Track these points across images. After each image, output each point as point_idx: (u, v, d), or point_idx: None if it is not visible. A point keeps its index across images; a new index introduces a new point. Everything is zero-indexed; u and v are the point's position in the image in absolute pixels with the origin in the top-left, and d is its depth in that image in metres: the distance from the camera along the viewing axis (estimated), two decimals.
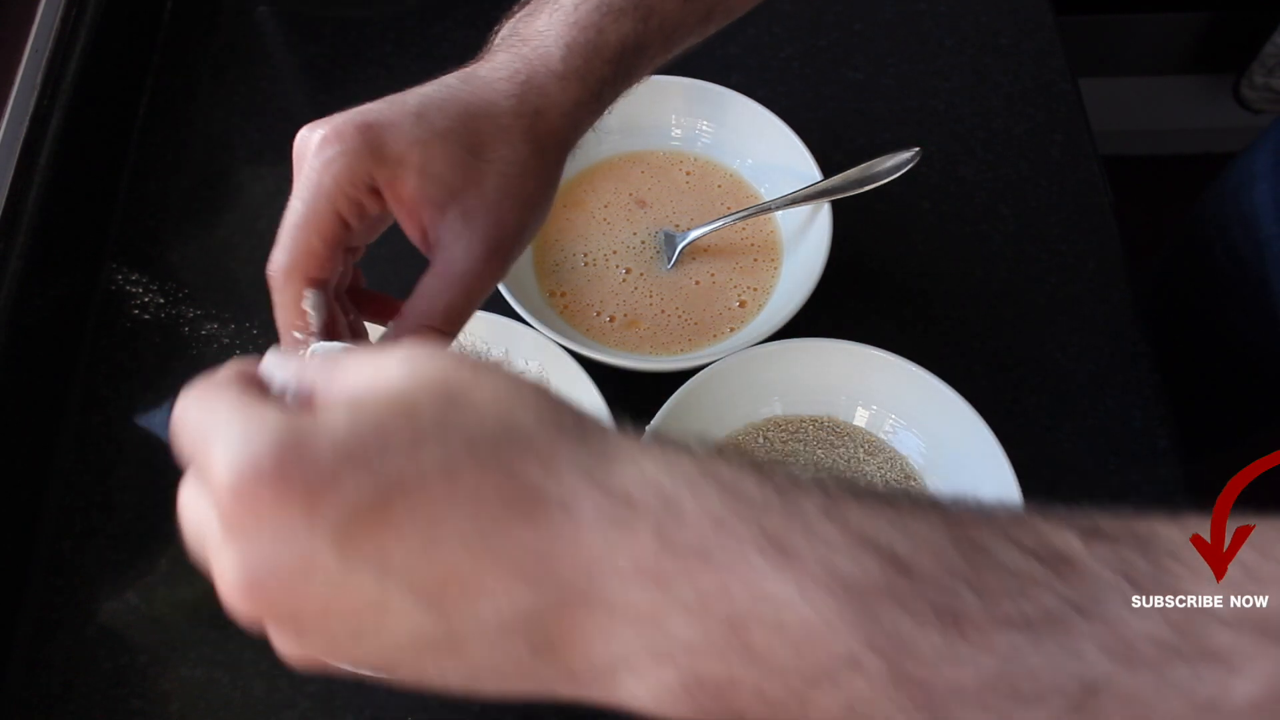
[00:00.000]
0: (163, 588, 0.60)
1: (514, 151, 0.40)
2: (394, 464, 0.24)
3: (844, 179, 0.63)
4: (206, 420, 0.26)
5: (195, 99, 0.77)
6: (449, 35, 0.79)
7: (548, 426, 0.25)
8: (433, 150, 0.39)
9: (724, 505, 0.24)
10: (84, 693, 0.57)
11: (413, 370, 0.26)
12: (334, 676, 0.56)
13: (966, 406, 0.56)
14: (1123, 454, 0.62)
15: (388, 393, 0.25)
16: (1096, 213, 0.70)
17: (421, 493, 0.24)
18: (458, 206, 0.39)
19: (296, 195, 0.39)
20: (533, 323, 0.59)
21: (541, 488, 0.24)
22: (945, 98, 0.75)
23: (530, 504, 0.24)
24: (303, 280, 0.39)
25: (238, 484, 0.24)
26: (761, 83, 0.75)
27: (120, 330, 0.68)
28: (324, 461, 0.24)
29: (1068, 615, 0.23)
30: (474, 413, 0.25)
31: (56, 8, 0.70)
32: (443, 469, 0.24)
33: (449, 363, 0.26)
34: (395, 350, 0.27)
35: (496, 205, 0.40)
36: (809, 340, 0.59)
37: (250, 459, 0.24)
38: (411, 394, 0.25)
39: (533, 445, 0.25)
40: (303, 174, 0.38)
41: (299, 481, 0.24)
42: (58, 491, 0.62)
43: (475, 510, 0.24)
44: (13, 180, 0.64)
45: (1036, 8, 0.79)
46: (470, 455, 0.24)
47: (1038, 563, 0.24)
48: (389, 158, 0.38)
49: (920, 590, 0.23)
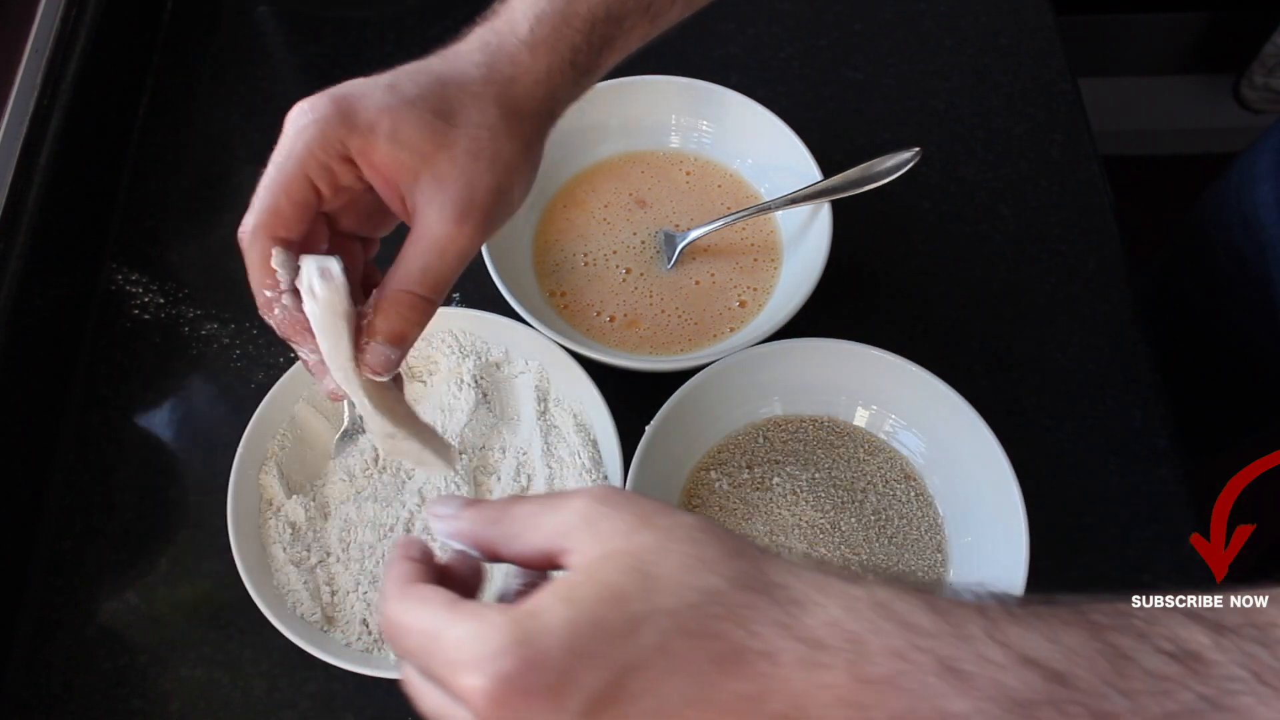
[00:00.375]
0: (163, 588, 0.60)
1: (484, 116, 0.41)
2: (619, 653, 0.28)
3: (844, 179, 0.63)
4: (428, 629, 0.30)
5: (195, 99, 0.77)
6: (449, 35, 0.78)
7: (738, 589, 0.29)
8: (402, 116, 0.39)
9: (903, 639, 0.28)
10: (84, 693, 0.57)
11: (603, 546, 0.30)
12: (334, 676, 0.56)
13: (966, 406, 0.56)
14: (1123, 454, 0.62)
15: (590, 578, 0.29)
16: (1096, 213, 0.70)
17: (646, 670, 0.28)
18: (430, 171, 0.40)
19: (270, 161, 0.40)
20: (533, 323, 0.59)
21: (744, 644, 0.28)
22: (945, 98, 0.75)
23: (736, 659, 0.28)
24: (270, 239, 0.40)
25: (492, 693, 0.28)
26: (761, 83, 0.75)
27: (120, 330, 0.68)
28: (558, 661, 0.28)
29: (1203, 710, 0.27)
30: (671, 586, 0.29)
31: (56, 8, 0.70)
32: (659, 647, 0.28)
33: (629, 526, 0.30)
34: (568, 509, 0.31)
35: (468, 169, 0.40)
36: (809, 340, 0.59)
37: (496, 671, 0.28)
38: (614, 581, 0.29)
39: (730, 609, 0.29)
40: (278, 143, 0.40)
41: (542, 683, 0.28)
42: (58, 491, 0.62)
43: (691, 673, 0.28)
44: (13, 180, 0.64)
45: (1036, 8, 0.79)
46: (679, 631, 0.28)
47: (1174, 663, 0.28)
48: (360, 125, 0.39)
49: (1076, 698, 0.27)
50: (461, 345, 0.62)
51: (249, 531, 0.56)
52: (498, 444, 0.60)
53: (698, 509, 0.58)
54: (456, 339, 0.62)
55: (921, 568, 0.56)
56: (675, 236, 0.66)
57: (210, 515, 0.60)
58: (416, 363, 0.62)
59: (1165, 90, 1.54)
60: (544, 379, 0.61)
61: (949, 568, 0.56)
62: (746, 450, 0.60)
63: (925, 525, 0.57)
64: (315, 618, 0.54)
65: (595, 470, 0.57)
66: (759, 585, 0.29)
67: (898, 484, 0.58)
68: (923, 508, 0.58)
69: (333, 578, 0.56)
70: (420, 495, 0.57)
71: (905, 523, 0.57)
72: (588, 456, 0.58)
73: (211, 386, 0.66)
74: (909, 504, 0.58)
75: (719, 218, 0.65)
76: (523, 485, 0.59)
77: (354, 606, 0.55)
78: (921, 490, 0.58)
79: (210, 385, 0.66)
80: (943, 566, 0.56)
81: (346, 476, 0.59)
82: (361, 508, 0.57)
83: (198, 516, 0.61)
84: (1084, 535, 0.59)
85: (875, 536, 0.56)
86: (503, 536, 0.32)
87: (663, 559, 0.29)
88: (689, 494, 0.58)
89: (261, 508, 0.57)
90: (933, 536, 0.57)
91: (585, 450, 0.58)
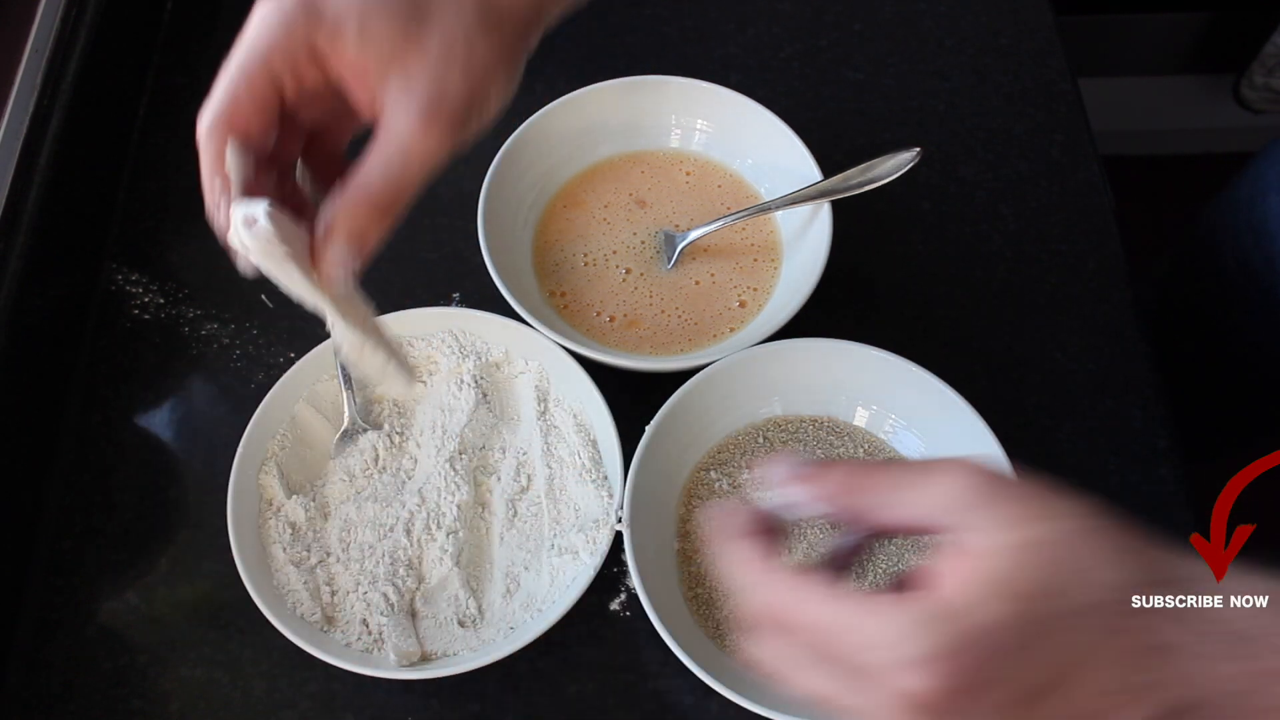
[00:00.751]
0: (163, 588, 0.60)
1: (459, 17, 0.39)
2: (1057, 651, 0.29)
3: (844, 179, 0.63)
4: (838, 623, 0.30)
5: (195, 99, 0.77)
6: None
7: (1148, 583, 0.30)
8: (372, 12, 0.38)
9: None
10: (84, 693, 0.57)
11: (1009, 534, 0.30)
12: (334, 676, 0.56)
13: (966, 406, 0.56)
14: (1123, 454, 0.62)
15: (1014, 570, 0.29)
16: (1096, 213, 0.70)
17: (1079, 666, 0.29)
18: (399, 69, 0.38)
19: (230, 56, 0.39)
20: (533, 323, 0.59)
21: (1162, 636, 0.30)
22: (945, 98, 0.75)
23: (1151, 652, 0.30)
24: (225, 135, 0.38)
25: (939, 691, 0.29)
26: (761, 83, 0.75)
27: (120, 330, 0.68)
28: (1004, 659, 0.29)
29: None
30: (1091, 581, 0.30)
31: (56, 8, 0.70)
32: (1089, 645, 0.29)
33: (1031, 514, 0.30)
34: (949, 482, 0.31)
35: (438, 70, 0.39)
36: (809, 340, 0.59)
37: (946, 670, 0.29)
38: (1039, 577, 0.29)
39: (1143, 599, 0.30)
40: (240, 37, 0.39)
41: (986, 679, 0.29)
42: (58, 491, 0.62)
43: (1113, 666, 0.30)
44: (13, 180, 0.64)
45: (1036, 8, 0.79)
46: (1104, 628, 0.29)
47: None
48: (327, 20, 0.38)
49: None
50: (461, 345, 0.62)
51: (249, 531, 0.56)
52: (498, 444, 0.60)
53: (697, 509, 0.58)
54: (456, 339, 0.62)
55: None
56: (675, 236, 0.66)
57: (210, 515, 0.60)
58: (416, 363, 0.62)
59: (1165, 90, 1.54)
60: (544, 379, 0.61)
61: None
62: (746, 450, 0.60)
63: None
64: (315, 618, 0.54)
65: (595, 470, 0.57)
66: (1166, 578, 0.30)
67: None
68: None
69: (333, 578, 0.56)
70: (420, 495, 0.57)
71: None
72: (588, 456, 0.58)
73: (211, 386, 0.66)
74: None
75: (719, 218, 0.65)
76: (522, 485, 0.59)
77: (354, 606, 0.55)
78: None
79: (210, 385, 0.66)
80: None
81: (346, 476, 0.59)
82: (361, 508, 0.57)
83: (198, 516, 0.61)
84: None
85: None
86: (871, 505, 0.33)
87: (1077, 553, 0.30)
88: (689, 494, 0.58)
89: (261, 508, 0.57)
90: (933, 536, 0.57)
91: (585, 450, 0.58)
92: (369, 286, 0.68)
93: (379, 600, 0.54)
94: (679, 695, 0.55)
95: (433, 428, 0.60)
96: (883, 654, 0.29)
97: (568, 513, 0.57)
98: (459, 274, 0.68)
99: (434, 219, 0.71)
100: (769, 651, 0.33)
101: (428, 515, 0.57)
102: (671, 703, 0.55)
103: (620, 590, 0.58)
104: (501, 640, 0.54)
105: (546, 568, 0.56)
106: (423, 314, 0.62)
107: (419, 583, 0.56)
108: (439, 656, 0.54)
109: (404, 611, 0.55)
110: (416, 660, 0.54)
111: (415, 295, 0.67)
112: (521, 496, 0.59)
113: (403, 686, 0.56)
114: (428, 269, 0.69)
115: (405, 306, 0.62)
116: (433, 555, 0.56)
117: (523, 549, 0.57)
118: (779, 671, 0.33)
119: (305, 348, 0.60)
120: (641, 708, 0.55)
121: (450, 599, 0.55)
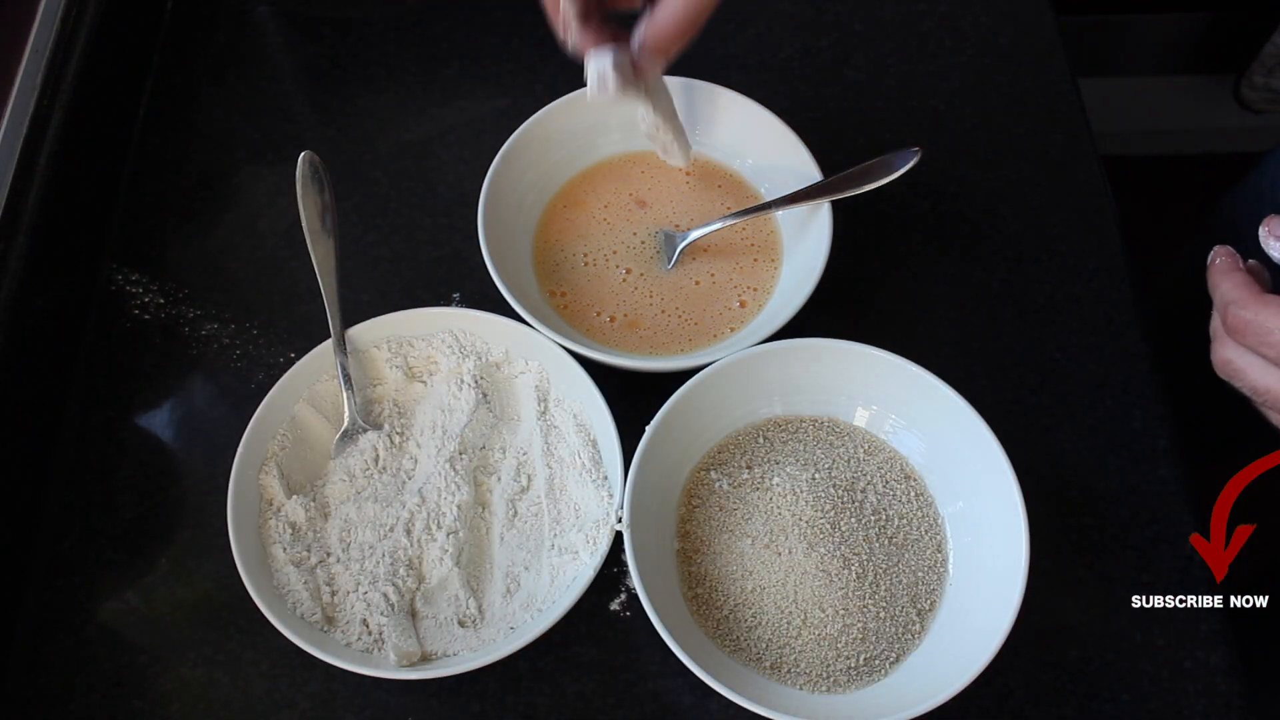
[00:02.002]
0: (163, 588, 0.60)
1: None
2: None
3: (844, 179, 0.63)
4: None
5: (195, 99, 0.78)
6: (449, 35, 0.79)
7: None
8: None
9: None
10: (84, 693, 0.57)
11: None
12: (334, 676, 0.56)
13: (966, 406, 0.56)
14: (1123, 454, 0.62)
15: None
16: (1096, 213, 0.70)
17: None
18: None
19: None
20: (533, 323, 0.59)
21: None
22: (945, 98, 0.75)
23: None
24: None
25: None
26: (761, 83, 0.75)
27: (120, 330, 0.68)
28: None
29: None
30: None
31: (56, 8, 0.70)
32: None
33: None
34: None
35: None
36: (809, 340, 0.59)
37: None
38: None
39: None
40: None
41: None
42: (58, 491, 0.62)
43: None
44: (13, 180, 0.64)
45: (1036, 8, 0.79)
46: None
47: None
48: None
49: None
50: (461, 345, 0.62)
51: (249, 531, 0.56)
52: (498, 444, 0.60)
53: (698, 509, 0.58)
54: (457, 339, 0.62)
55: (921, 567, 0.56)
56: (675, 236, 0.66)
57: (210, 515, 0.60)
58: (416, 363, 0.62)
59: (1165, 90, 1.54)
60: (544, 379, 0.61)
61: (949, 567, 0.56)
62: (746, 450, 0.60)
63: (925, 525, 0.57)
64: (315, 618, 0.54)
65: (595, 470, 0.57)
66: None
67: (897, 484, 0.58)
68: (923, 508, 0.58)
69: (333, 578, 0.56)
70: (420, 495, 0.57)
71: (905, 523, 0.57)
72: (588, 456, 0.58)
73: (211, 386, 0.66)
74: (909, 504, 0.58)
75: (719, 218, 0.65)
76: (522, 485, 0.59)
77: (354, 606, 0.55)
78: (921, 490, 0.58)
79: (210, 385, 0.66)
80: (943, 566, 0.56)
81: (346, 476, 0.59)
82: (361, 508, 0.57)
83: (198, 516, 0.61)
84: (1084, 535, 0.59)
85: (875, 536, 0.56)
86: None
87: None
88: (689, 494, 0.58)
89: (261, 508, 0.57)
90: (933, 536, 0.57)
91: (585, 450, 0.58)
92: (371, 288, 0.69)
93: (379, 600, 0.54)
94: (679, 695, 0.55)
95: (433, 428, 0.60)
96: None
97: (568, 513, 0.57)
98: (459, 274, 0.68)
99: (434, 219, 0.71)
100: (1243, 358, 0.44)
101: (428, 515, 0.57)
102: (671, 703, 0.55)
103: (620, 590, 0.58)
104: (501, 640, 0.54)
105: (546, 568, 0.56)
106: (423, 314, 0.62)
107: (419, 583, 0.56)
108: (439, 656, 0.54)
109: (404, 611, 0.55)
110: (416, 660, 0.54)
111: (415, 295, 0.68)
112: (521, 496, 0.59)
113: (403, 686, 0.56)
114: (428, 269, 0.69)
115: (405, 306, 0.62)
116: (433, 555, 0.56)
117: (523, 549, 0.57)
118: (1243, 371, 0.45)
119: (305, 348, 0.60)
120: (641, 708, 0.55)
121: (450, 599, 0.55)
